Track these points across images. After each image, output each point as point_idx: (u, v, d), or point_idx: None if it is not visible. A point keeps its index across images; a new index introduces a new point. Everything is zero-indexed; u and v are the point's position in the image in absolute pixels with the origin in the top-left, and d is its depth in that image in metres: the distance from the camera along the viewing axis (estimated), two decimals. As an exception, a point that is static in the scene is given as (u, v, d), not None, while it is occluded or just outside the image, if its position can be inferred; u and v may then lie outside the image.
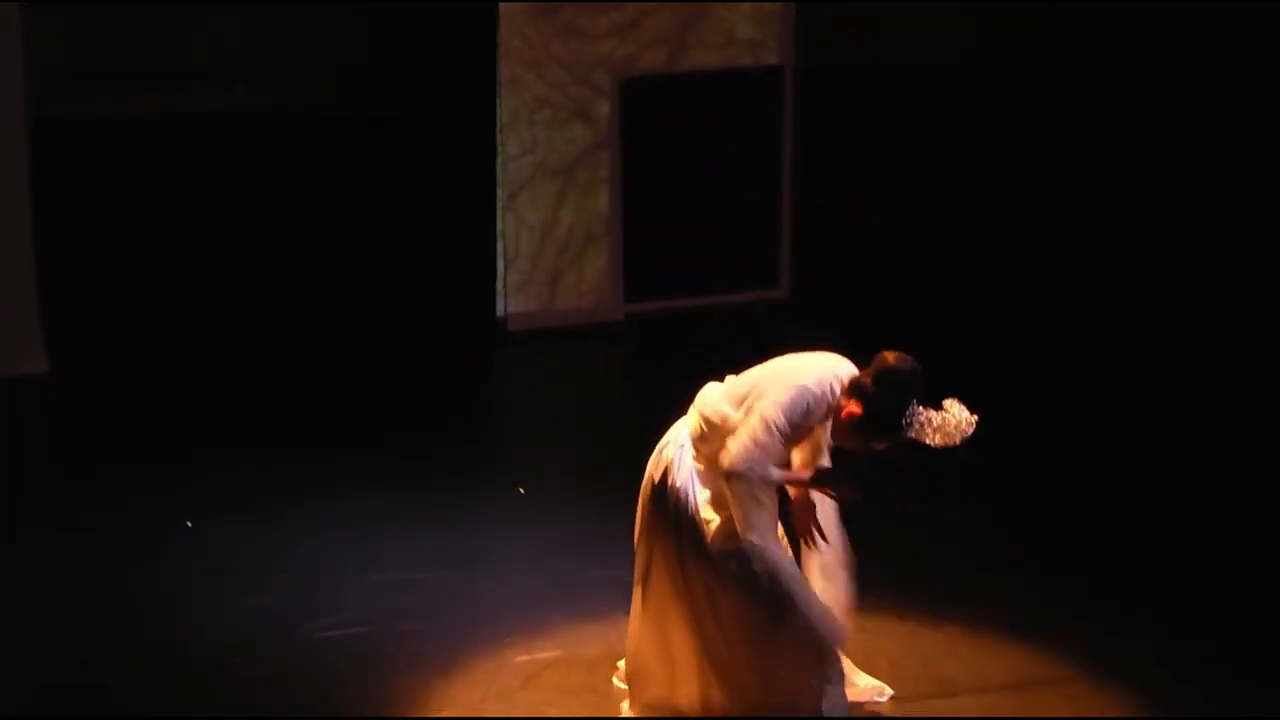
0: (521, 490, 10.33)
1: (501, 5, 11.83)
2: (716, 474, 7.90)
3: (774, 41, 12.27)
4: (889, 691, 8.37)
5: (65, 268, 11.65)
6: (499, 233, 12.08)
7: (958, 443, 7.91)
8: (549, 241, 12.17)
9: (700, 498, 7.96)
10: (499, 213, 12.07)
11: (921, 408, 7.88)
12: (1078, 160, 13.26)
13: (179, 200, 12.48)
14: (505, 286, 12.13)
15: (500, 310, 12.15)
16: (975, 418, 7.93)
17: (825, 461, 8.06)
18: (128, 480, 10.38)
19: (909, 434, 7.87)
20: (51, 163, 11.56)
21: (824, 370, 7.91)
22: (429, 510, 10.12)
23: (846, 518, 8.48)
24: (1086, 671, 8.72)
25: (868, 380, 7.86)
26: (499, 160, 12.03)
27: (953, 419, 7.90)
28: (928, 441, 7.88)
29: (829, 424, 7.99)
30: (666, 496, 7.98)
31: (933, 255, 13.08)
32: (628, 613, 8.57)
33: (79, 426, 11.19)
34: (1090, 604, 9.29)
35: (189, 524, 9.91)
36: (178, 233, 12.40)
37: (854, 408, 7.87)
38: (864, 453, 7.96)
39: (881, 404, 7.84)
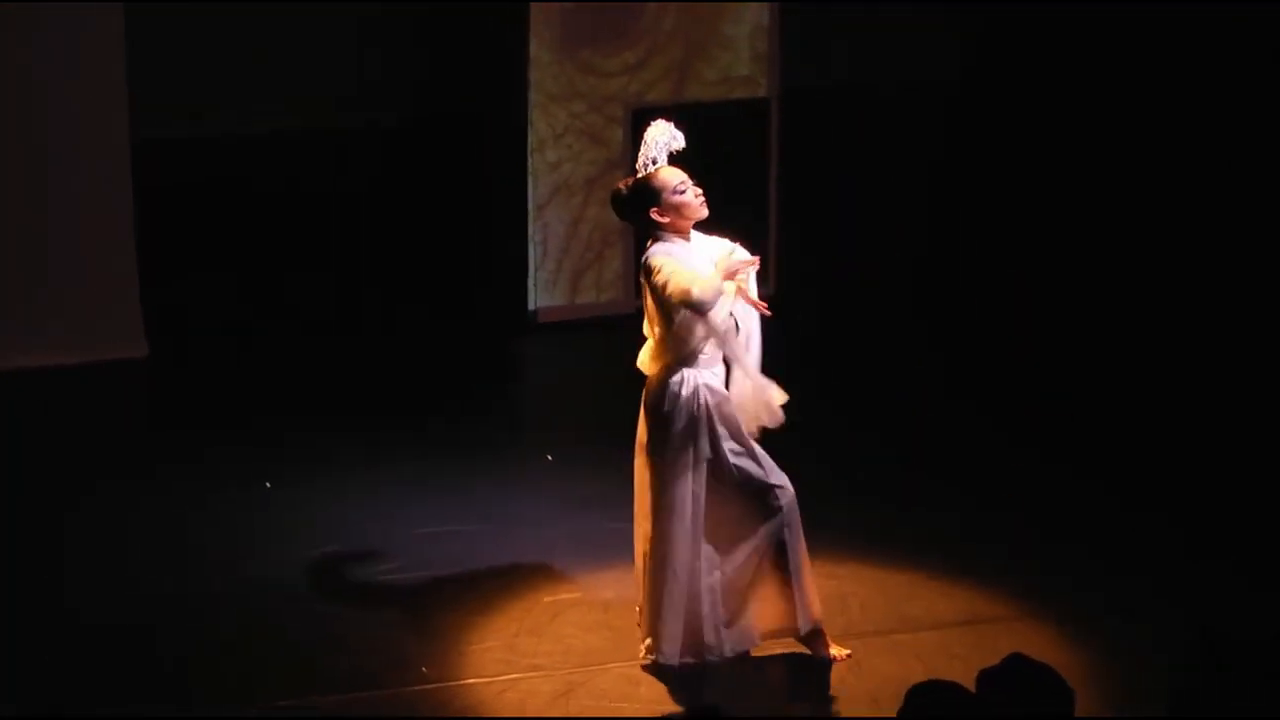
0: (549, 458, 10.34)
1: (531, 47, 11.83)
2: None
3: (762, 78, 12.28)
4: None
5: (162, 266, 11.67)
6: (530, 238, 12.09)
7: (664, 136, 8.15)
8: (572, 246, 12.18)
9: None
10: (530, 221, 12.07)
11: (639, 169, 8.12)
12: (1058, 171, 13.14)
13: (258, 206, 12.50)
14: (535, 284, 12.14)
15: (531, 304, 12.16)
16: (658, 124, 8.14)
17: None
18: (213, 447, 10.42)
19: (651, 172, 8.07)
20: (150, 175, 11.57)
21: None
22: (468, 473, 10.15)
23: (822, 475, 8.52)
24: (1029, 610, 8.75)
25: (627, 213, 8.17)
26: (529, 177, 12.03)
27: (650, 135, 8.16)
28: (655, 157, 8.11)
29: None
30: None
31: (905, 251, 13.05)
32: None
33: (173, 402, 11.22)
34: (1037, 552, 9.30)
35: (268, 485, 9.94)
36: (257, 236, 12.42)
37: (655, 218, 8.04)
38: (693, 207, 8.05)
39: (634, 196, 8.09)
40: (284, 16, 12.55)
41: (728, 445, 8.06)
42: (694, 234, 8.17)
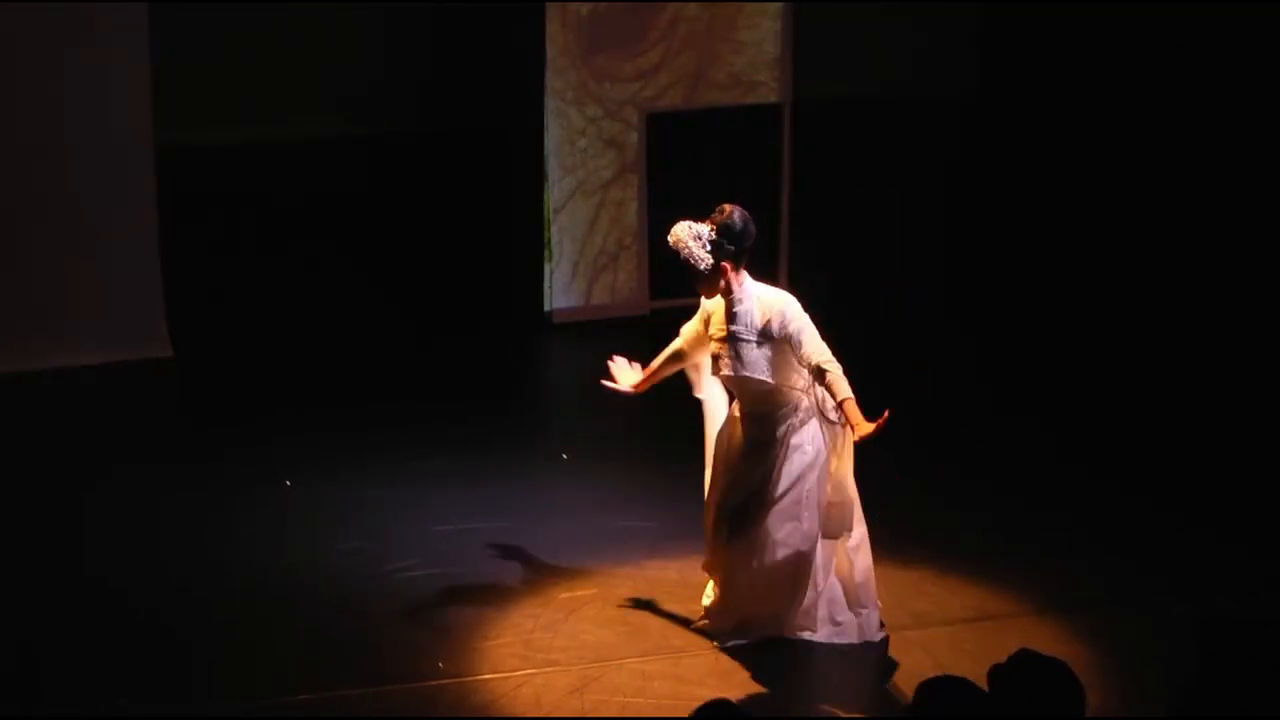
0: (565, 456, 10.29)
1: (548, 52, 11.80)
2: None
3: (774, 83, 12.23)
4: None
5: (186, 271, 11.65)
6: (546, 240, 12.05)
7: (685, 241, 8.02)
8: (588, 248, 12.14)
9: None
10: (546, 224, 12.04)
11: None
12: (1073, 177, 13.13)
13: (281, 211, 12.49)
14: (551, 285, 12.10)
15: (547, 305, 12.12)
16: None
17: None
18: (235, 446, 10.38)
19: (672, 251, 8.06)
20: (173, 182, 11.55)
21: None
22: (485, 471, 10.10)
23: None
24: (1039, 607, 8.68)
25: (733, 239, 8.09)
26: (547, 181, 11.99)
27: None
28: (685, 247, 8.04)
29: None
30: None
31: (910, 248, 13.02)
32: (652, 558, 8.58)
33: (196, 401, 11.19)
34: (1047, 548, 9.22)
35: (288, 483, 9.89)
36: (279, 240, 12.41)
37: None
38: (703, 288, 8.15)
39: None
40: (307, 24, 12.55)
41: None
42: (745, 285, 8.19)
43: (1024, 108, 13.44)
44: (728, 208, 8.09)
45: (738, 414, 8.23)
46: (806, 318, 8.09)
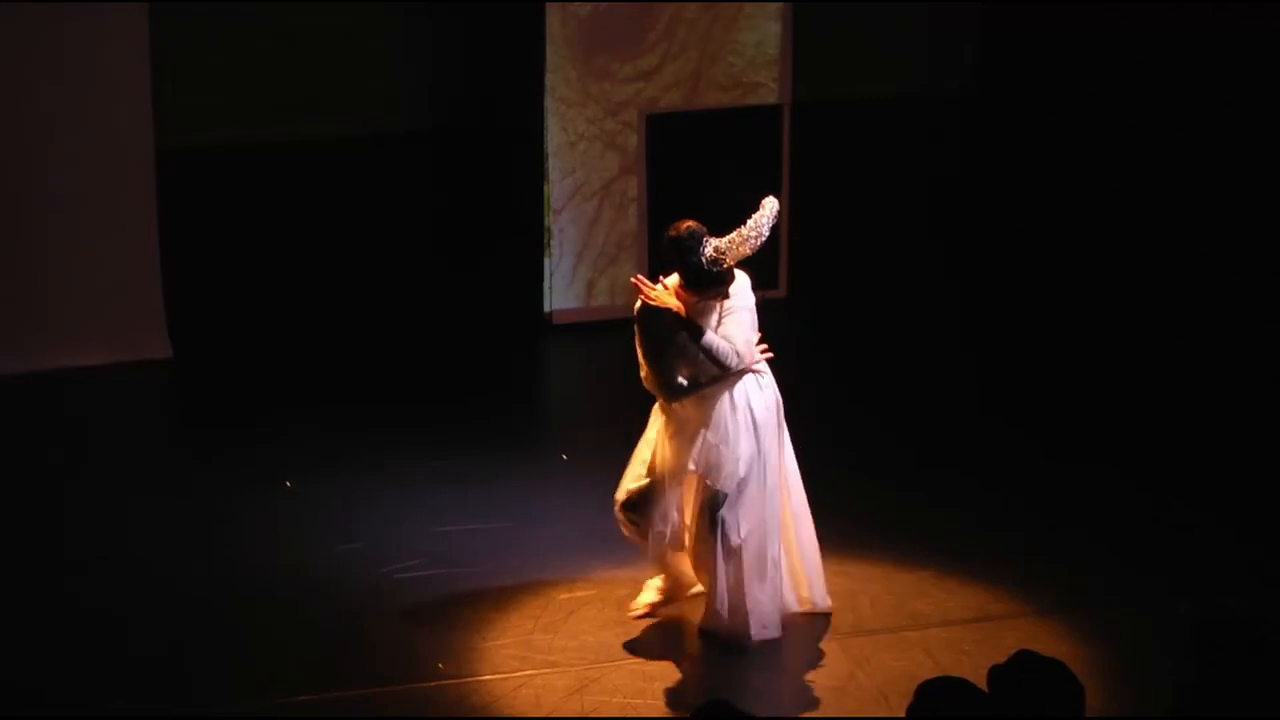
0: (565, 456, 10.29)
1: (548, 53, 11.80)
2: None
3: (774, 84, 12.22)
4: None
5: (186, 271, 11.65)
6: (546, 242, 12.05)
7: (764, 232, 7.94)
8: (587, 250, 12.13)
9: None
10: (546, 225, 12.04)
11: (709, 239, 7.94)
12: (1069, 177, 13.13)
13: (279, 211, 12.49)
14: (551, 287, 12.09)
15: (547, 306, 12.11)
16: (770, 203, 7.95)
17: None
18: (234, 446, 10.38)
19: (713, 262, 7.94)
20: (173, 183, 11.55)
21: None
22: (485, 471, 10.09)
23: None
24: (1038, 607, 8.68)
25: (670, 258, 8.09)
26: (546, 182, 11.99)
27: (749, 224, 7.93)
28: (737, 251, 7.93)
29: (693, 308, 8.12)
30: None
31: (910, 248, 13.03)
32: (652, 559, 8.56)
33: (196, 402, 11.19)
34: (1046, 548, 9.22)
35: (288, 484, 9.89)
36: (278, 240, 12.41)
37: (677, 282, 8.13)
38: (718, 294, 8.05)
39: (683, 260, 8.00)
40: (307, 24, 12.55)
41: None
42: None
43: (1025, 107, 13.44)
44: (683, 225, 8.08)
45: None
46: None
